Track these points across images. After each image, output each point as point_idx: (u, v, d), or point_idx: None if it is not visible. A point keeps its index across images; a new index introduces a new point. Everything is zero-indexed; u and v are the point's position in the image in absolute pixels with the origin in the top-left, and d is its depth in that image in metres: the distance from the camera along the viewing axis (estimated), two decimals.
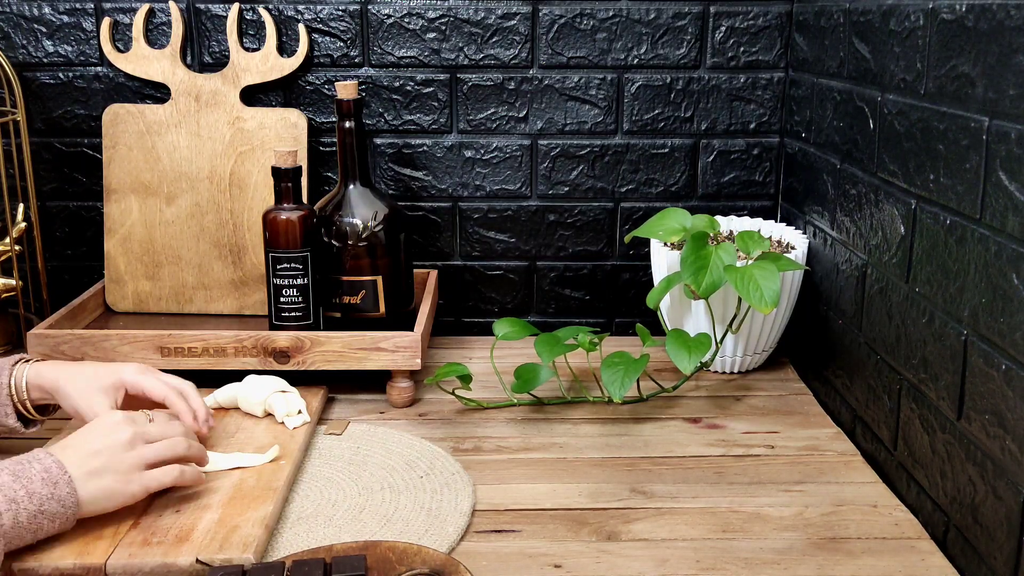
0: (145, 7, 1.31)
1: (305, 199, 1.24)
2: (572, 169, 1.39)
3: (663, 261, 1.24)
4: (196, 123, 1.31)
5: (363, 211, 1.21)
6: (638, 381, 1.18)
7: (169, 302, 1.33)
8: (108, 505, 0.83)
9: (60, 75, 1.34)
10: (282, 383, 1.10)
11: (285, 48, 1.34)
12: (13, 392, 0.95)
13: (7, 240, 1.25)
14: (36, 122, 1.35)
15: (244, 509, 0.88)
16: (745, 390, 1.23)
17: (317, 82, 1.35)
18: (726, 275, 1.11)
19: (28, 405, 0.96)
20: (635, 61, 1.36)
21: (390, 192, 1.40)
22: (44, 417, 0.99)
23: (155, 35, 1.33)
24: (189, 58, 1.34)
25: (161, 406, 0.98)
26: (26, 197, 1.31)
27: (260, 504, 0.89)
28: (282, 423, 1.07)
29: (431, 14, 1.34)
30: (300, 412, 1.08)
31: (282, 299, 1.17)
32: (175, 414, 0.96)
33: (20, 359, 0.98)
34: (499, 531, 0.90)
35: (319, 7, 1.33)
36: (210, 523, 0.85)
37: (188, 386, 0.99)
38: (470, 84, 1.36)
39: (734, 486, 0.98)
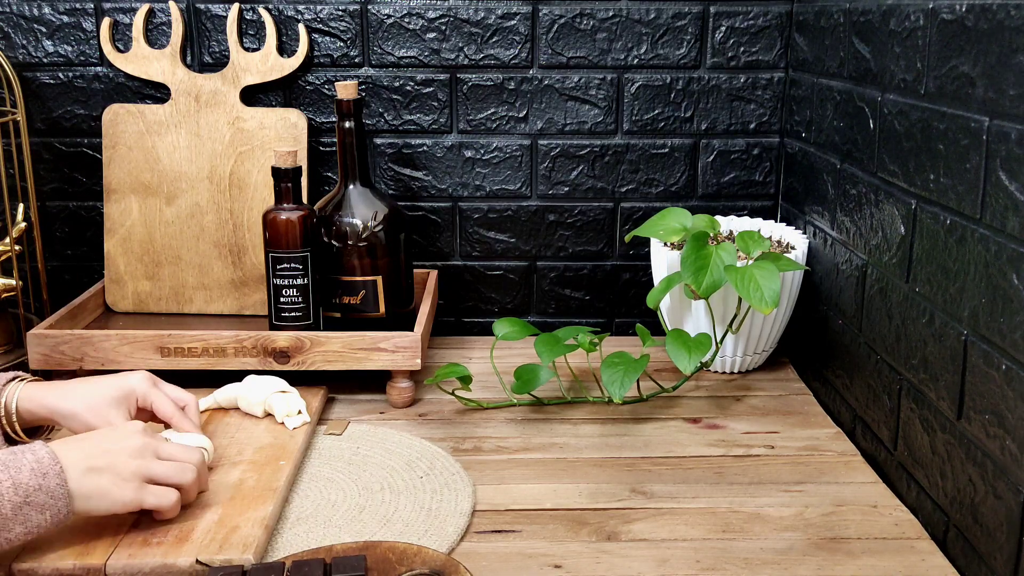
0: (145, 7, 1.31)
1: (305, 199, 1.24)
2: (572, 169, 1.39)
3: (663, 261, 1.24)
4: (196, 123, 1.31)
5: (363, 211, 1.21)
6: (638, 381, 1.18)
7: (169, 302, 1.33)
8: (100, 505, 0.80)
9: (60, 75, 1.34)
10: (282, 383, 1.10)
11: (285, 48, 1.34)
12: (2, 413, 0.91)
13: (7, 240, 1.25)
14: (36, 122, 1.35)
15: (244, 509, 0.88)
16: (745, 390, 1.23)
17: (317, 82, 1.35)
18: (726, 275, 1.11)
19: (17, 428, 0.92)
20: (635, 61, 1.36)
21: (390, 192, 1.40)
22: (34, 439, 0.94)
23: (155, 35, 1.33)
24: (189, 58, 1.34)
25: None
26: (26, 197, 1.31)
27: (260, 504, 0.89)
28: (282, 423, 1.07)
29: (431, 14, 1.34)
30: (300, 412, 1.08)
31: (282, 299, 1.17)
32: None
33: (15, 377, 0.94)
34: (499, 531, 0.90)
35: (319, 7, 1.33)
36: (210, 523, 0.85)
37: (192, 405, 0.98)
38: (470, 84, 1.36)
39: (734, 486, 0.98)
